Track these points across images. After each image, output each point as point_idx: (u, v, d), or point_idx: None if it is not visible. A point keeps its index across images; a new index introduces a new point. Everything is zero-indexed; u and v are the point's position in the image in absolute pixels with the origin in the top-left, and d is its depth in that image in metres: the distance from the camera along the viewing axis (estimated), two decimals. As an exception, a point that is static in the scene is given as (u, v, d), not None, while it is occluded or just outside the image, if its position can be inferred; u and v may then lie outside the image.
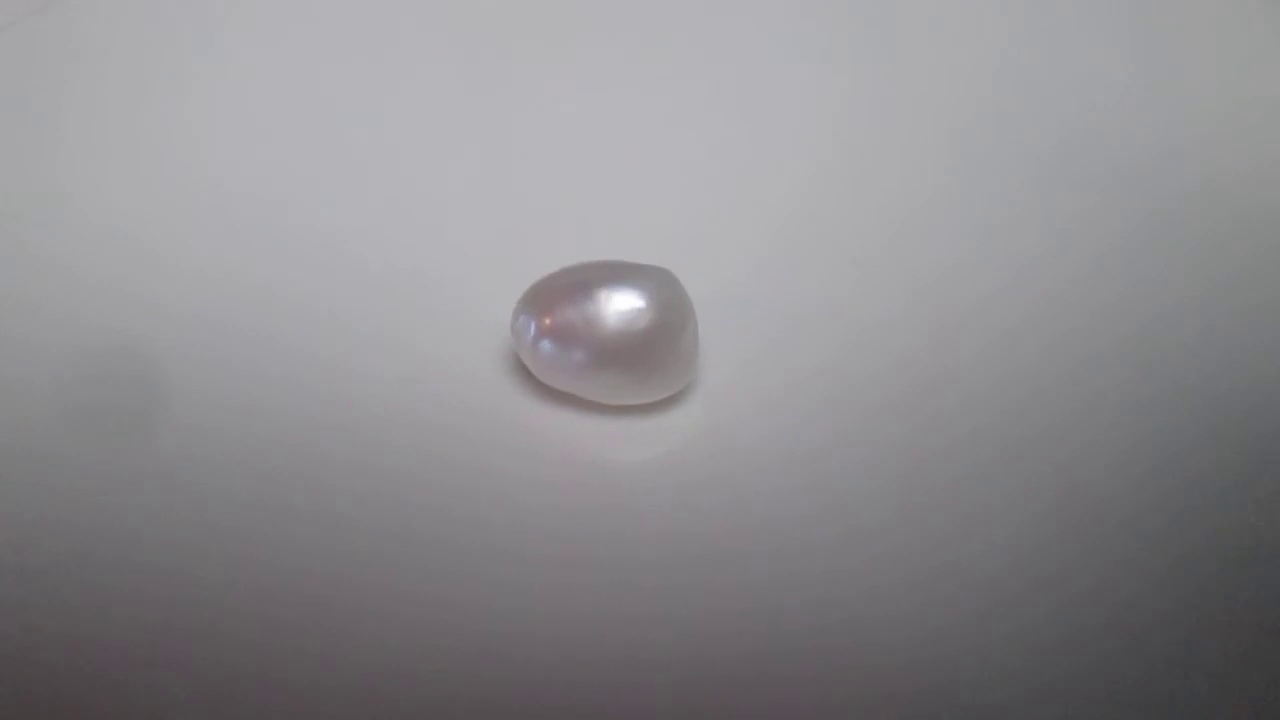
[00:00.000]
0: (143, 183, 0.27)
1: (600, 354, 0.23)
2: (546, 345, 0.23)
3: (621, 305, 0.23)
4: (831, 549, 0.22)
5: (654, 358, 0.23)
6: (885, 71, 0.30)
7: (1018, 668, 0.21)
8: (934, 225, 0.27)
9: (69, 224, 0.27)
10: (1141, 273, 0.26)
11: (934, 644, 0.21)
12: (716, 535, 0.22)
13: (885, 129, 0.29)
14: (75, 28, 0.30)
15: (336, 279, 0.26)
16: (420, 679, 0.21)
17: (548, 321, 0.23)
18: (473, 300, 0.25)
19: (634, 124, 0.29)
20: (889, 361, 0.25)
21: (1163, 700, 0.21)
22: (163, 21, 0.30)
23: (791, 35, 0.31)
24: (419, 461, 0.23)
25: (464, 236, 0.27)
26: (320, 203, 0.27)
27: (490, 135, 0.29)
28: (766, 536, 0.22)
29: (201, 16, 0.30)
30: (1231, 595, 0.22)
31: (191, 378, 0.24)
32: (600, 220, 0.26)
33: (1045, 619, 0.21)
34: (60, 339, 0.25)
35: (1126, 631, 0.21)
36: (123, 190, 0.27)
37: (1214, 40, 0.30)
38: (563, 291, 0.23)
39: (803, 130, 0.29)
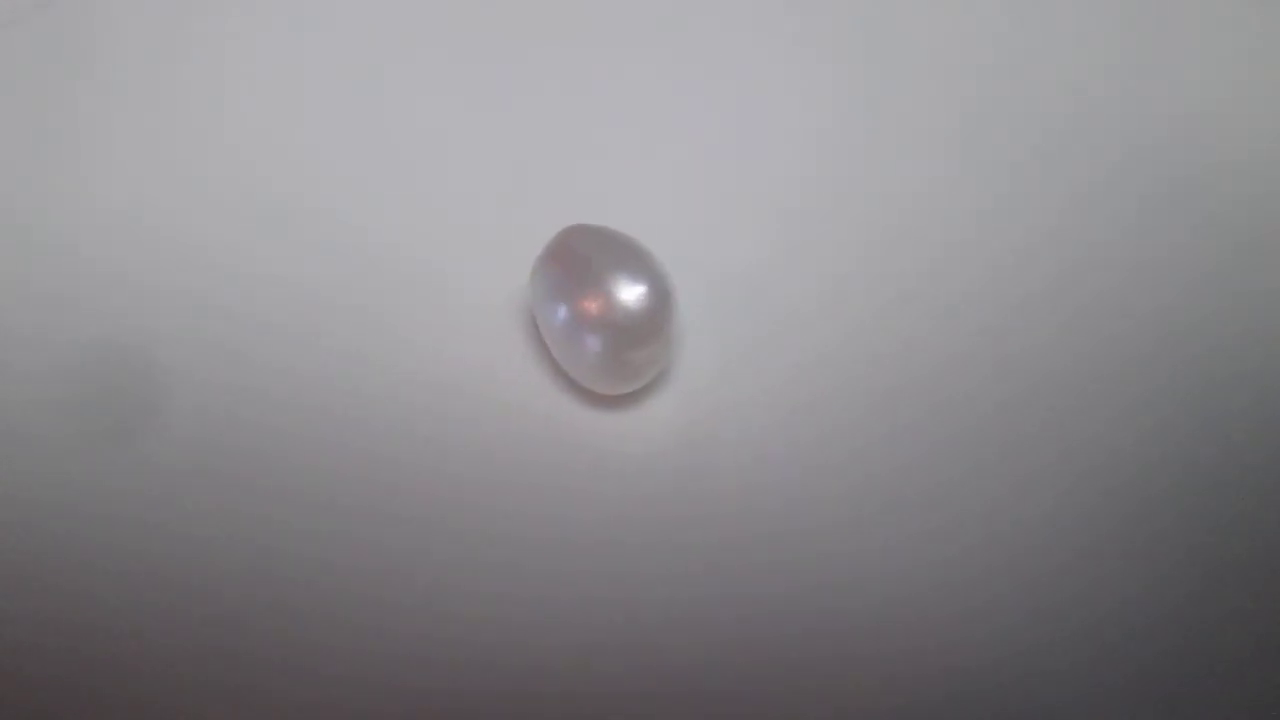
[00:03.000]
0: (149, 170, 0.27)
1: (569, 318, 0.23)
2: (540, 277, 0.24)
3: (600, 287, 0.23)
4: (820, 539, 0.23)
5: (604, 350, 0.23)
6: (881, 61, 0.29)
7: (1006, 660, 0.21)
8: (928, 217, 0.27)
9: (74, 211, 0.27)
10: (1139, 261, 0.26)
11: (923, 635, 0.22)
12: (701, 525, 0.23)
13: (882, 121, 0.29)
14: (83, 20, 0.30)
15: (340, 263, 0.26)
16: (413, 664, 0.21)
17: (551, 262, 0.24)
18: (475, 287, 0.26)
19: (634, 114, 0.29)
20: (884, 353, 0.25)
21: (1161, 693, 0.21)
22: (168, 11, 0.30)
23: (789, 25, 0.30)
24: (417, 448, 0.24)
25: (469, 222, 0.27)
26: (326, 188, 0.27)
27: (495, 122, 0.29)
28: (752, 526, 0.23)
29: (212, 9, 0.30)
30: (1235, 587, 0.22)
31: (199, 365, 0.25)
32: (602, 211, 0.26)
33: (1034, 614, 0.22)
34: (70, 327, 0.25)
35: (1120, 626, 0.22)
36: (129, 178, 0.27)
37: (1212, 25, 0.30)
38: (575, 249, 0.24)
39: (799, 123, 0.29)
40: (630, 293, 0.23)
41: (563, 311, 0.23)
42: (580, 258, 0.23)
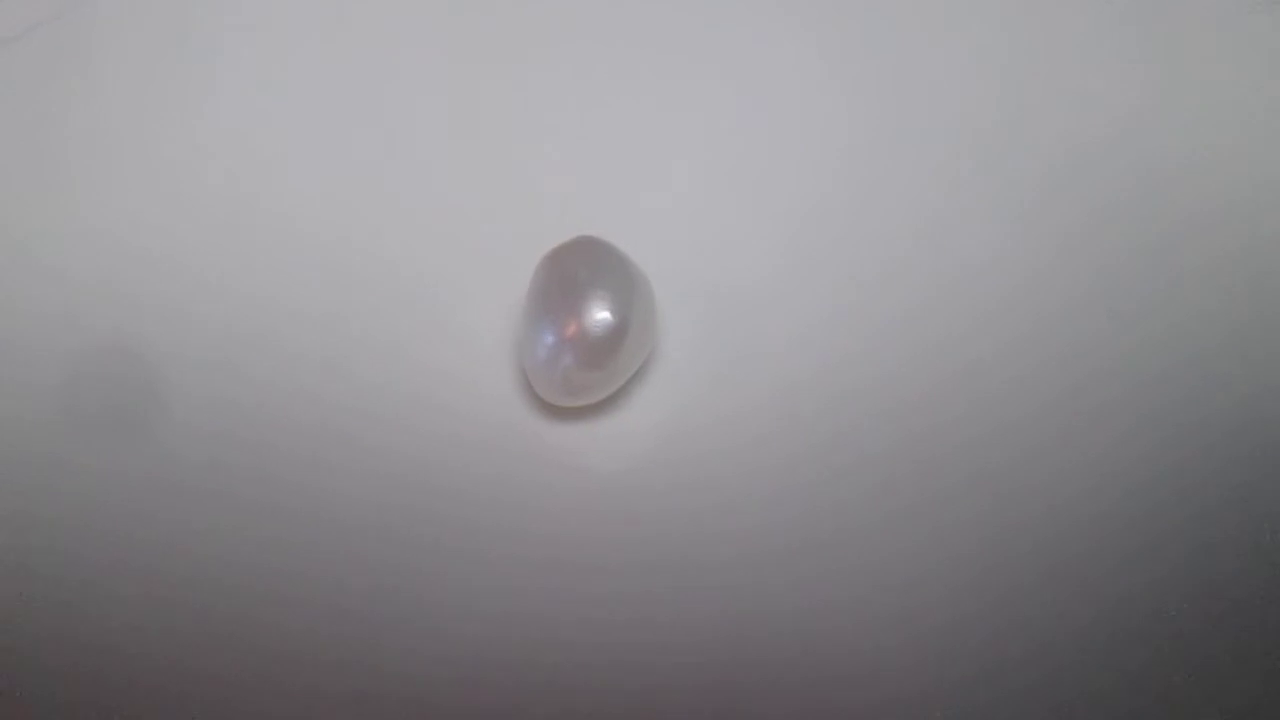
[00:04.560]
0: (146, 187, 0.27)
1: (534, 330, 0.23)
2: (536, 277, 0.24)
3: (569, 303, 0.23)
4: (804, 555, 0.23)
5: (553, 363, 0.23)
6: (890, 81, 0.29)
7: (987, 677, 0.21)
8: (934, 241, 0.27)
9: (72, 227, 0.27)
10: (1145, 289, 0.26)
11: (904, 651, 0.22)
12: (682, 542, 0.23)
13: (891, 142, 0.28)
14: (81, 36, 0.30)
15: (335, 281, 0.26)
16: (406, 679, 0.21)
17: (547, 265, 0.24)
18: (467, 304, 0.26)
19: (640, 128, 0.29)
20: (881, 373, 0.25)
21: (1160, 695, 0.21)
22: (165, 28, 0.30)
23: (798, 37, 0.30)
24: (408, 464, 0.24)
25: (463, 240, 0.27)
26: (322, 207, 0.27)
27: (492, 137, 0.29)
28: (734, 544, 0.23)
29: (203, 22, 0.30)
30: (1230, 595, 0.22)
31: (193, 382, 0.25)
32: (601, 226, 0.26)
33: (1021, 630, 0.22)
34: (62, 341, 0.25)
35: (1116, 634, 0.22)
36: (127, 194, 0.27)
37: (1225, 55, 0.30)
38: (566, 262, 0.24)
39: (805, 142, 0.29)
40: (590, 317, 0.23)
41: (530, 322, 0.23)
42: (563, 274, 0.24)
